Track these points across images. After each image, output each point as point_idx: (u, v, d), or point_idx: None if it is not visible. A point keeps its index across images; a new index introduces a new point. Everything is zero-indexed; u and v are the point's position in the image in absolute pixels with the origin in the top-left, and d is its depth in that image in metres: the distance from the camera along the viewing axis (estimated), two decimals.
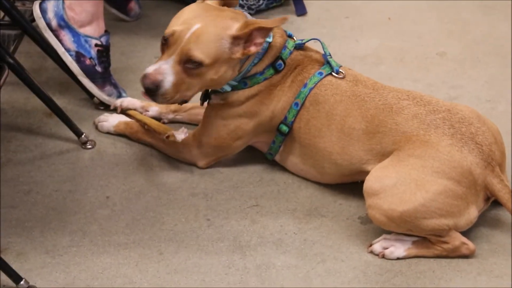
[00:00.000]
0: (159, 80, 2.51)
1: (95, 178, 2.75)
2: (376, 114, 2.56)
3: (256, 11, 3.70)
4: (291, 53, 2.67)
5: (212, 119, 2.71)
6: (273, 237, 2.55)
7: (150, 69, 2.52)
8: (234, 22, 2.54)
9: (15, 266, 2.34)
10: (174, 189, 2.72)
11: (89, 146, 2.87)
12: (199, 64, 2.51)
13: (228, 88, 2.65)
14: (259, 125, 2.69)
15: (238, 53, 2.54)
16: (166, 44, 2.54)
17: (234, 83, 2.65)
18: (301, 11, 3.74)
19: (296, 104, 2.65)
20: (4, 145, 2.86)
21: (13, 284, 2.32)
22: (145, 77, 2.52)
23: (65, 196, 2.67)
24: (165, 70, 2.52)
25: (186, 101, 2.63)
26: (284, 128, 2.68)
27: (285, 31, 2.73)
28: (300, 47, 2.70)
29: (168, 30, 2.54)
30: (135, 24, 3.60)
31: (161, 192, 2.70)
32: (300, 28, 3.63)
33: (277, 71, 2.65)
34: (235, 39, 2.53)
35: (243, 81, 2.65)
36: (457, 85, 3.28)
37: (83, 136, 2.87)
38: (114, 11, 3.57)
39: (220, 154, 2.77)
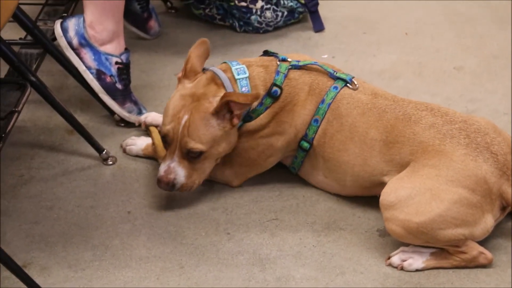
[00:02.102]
0: (172, 179, 2.61)
1: (116, 193, 2.79)
2: (396, 124, 2.59)
3: (274, 28, 3.73)
4: (286, 76, 2.69)
5: (241, 144, 2.74)
6: (292, 250, 2.58)
7: (161, 171, 2.62)
8: (213, 97, 2.60)
9: (38, 280, 2.38)
10: (195, 203, 2.75)
11: (110, 162, 2.91)
12: (200, 152, 2.59)
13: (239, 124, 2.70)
14: (288, 142, 2.72)
15: (227, 126, 2.61)
16: (166, 142, 2.63)
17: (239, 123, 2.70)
18: (318, 27, 3.77)
19: (316, 120, 2.68)
20: (27, 162, 2.91)
21: None
22: (159, 181, 2.63)
23: (87, 212, 2.71)
24: (174, 168, 2.61)
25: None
26: (306, 145, 2.71)
27: (277, 56, 2.76)
28: (297, 67, 2.72)
29: (163, 131, 2.63)
30: (154, 42, 3.64)
31: (181, 206, 2.74)
32: (317, 44, 3.66)
33: (276, 98, 2.68)
34: (218, 112, 2.58)
35: (248, 116, 2.69)
36: (475, 99, 3.30)
37: (104, 152, 2.91)
38: (134, 29, 3.61)
39: (253, 173, 2.81)
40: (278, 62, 2.73)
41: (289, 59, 2.74)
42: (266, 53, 2.82)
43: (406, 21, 3.88)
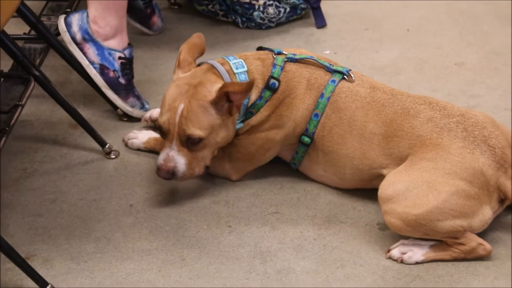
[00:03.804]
0: (172, 167, 2.62)
1: (119, 187, 2.81)
2: (395, 118, 2.61)
3: (277, 24, 3.75)
4: (282, 68, 2.71)
5: (240, 140, 2.77)
6: (293, 243, 2.60)
7: (160, 160, 2.63)
8: (212, 86, 2.61)
9: (41, 272, 2.40)
10: (196, 197, 2.77)
11: (113, 156, 2.94)
12: (199, 139, 2.60)
13: (240, 125, 2.72)
14: (286, 136, 2.74)
15: (226, 115, 2.62)
16: (163, 132, 2.64)
17: (241, 124, 2.71)
18: (321, 23, 3.79)
19: (316, 115, 2.70)
20: (30, 155, 2.93)
21: None
22: (158, 169, 2.64)
23: (89, 205, 2.73)
24: (173, 156, 2.62)
25: (208, 167, 2.71)
26: (306, 140, 2.73)
27: (272, 50, 2.77)
28: (293, 60, 2.74)
29: (159, 121, 2.64)
30: (157, 38, 3.66)
31: (183, 200, 2.76)
32: (320, 40, 3.68)
33: (274, 90, 2.70)
34: (217, 103, 2.60)
35: (249, 112, 2.71)
36: (476, 95, 3.31)
37: (107, 146, 2.93)
38: (137, 25, 3.64)
39: (252, 166, 2.83)
40: (274, 56, 2.75)
41: (284, 52, 2.76)
42: (261, 49, 2.84)
43: (408, 17, 3.90)
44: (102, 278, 2.46)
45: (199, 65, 2.73)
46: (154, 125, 3.00)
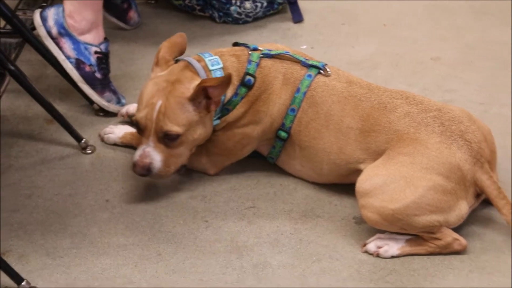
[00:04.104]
0: (148, 163, 2.61)
1: (95, 182, 2.80)
2: (371, 113, 2.61)
3: (254, 19, 3.75)
4: (258, 64, 2.71)
5: (217, 136, 2.76)
6: (270, 237, 2.60)
7: (136, 156, 2.62)
8: (189, 83, 2.61)
9: (17, 268, 2.38)
10: (173, 192, 2.77)
11: (89, 151, 2.93)
12: (176, 135, 2.59)
13: (217, 122, 2.72)
14: (263, 131, 2.74)
15: (203, 112, 2.62)
16: (140, 128, 2.63)
17: (217, 121, 2.71)
18: (298, 18, 3.79)
19: (293, 110, 2.70)
20: (6, 151, 2.91)
21: (15, 285, 2.36)
22: (134, 165, 2.63)
23: (65, 200, 2.72)
24: (149, 152, 2.61)
25: (185, 166, 2.71)
26: (283, 134, 2.73)
27: (248, 46, 2.77)
28: (268, 56, 2.74)
29: (136, 117, 2.63)
30: (134, 33, 3.65)
31: (160, 195, 2.76)
32: (297, 35, 3.69)
33: (250, 87, 2.70)
34: (194, 100, 2.59)
35: (225, 108, 2.71)
36: (451, 89, 3.33)
37: (83, 141, 2.92)
38: (114, 20, 3.62)
39: (229, 161, 2.83)
40: (250, 52, 2.75)
41: (260, 48, 2.76)
42: (236, 44, 2.84)
43: (385, 12, 3.91)
44: (78, 273, 2.46)
45: (176, 62, 2.73)
46: (131, 120, 2.99)
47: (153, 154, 2.62)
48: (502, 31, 3.75)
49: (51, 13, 3.03)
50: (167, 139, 2.61)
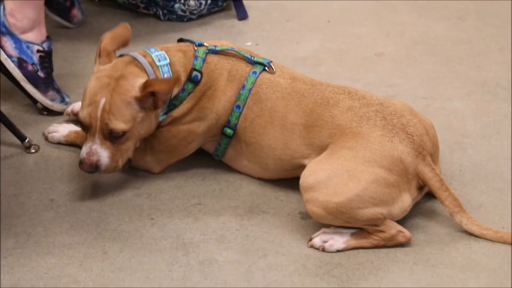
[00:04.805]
0: (95, 161, 2.60)
1: (39, 181, 2.78)
2: (315, 108, 2.63)
3: (198, 16, 3.75)
4: (204, 60, 2.72)
5: (162, 133, 2.76)
6: (216, 234, 2.60)
7: (83, 153, 2.61)
8: (134, 80, 2.60)
9: None
10: (118, 190, 2.76)
11: (33, 151, 2.90)
12: (122, 132, 2.59)
13: (163, 117, 2.71)
14: (208, 128, 2.75)
15: (149, 109, 2.62)
16: (84, 127, 2.62)
17: (164, 116, 2.71)
18: (242, 15, 3.80)
19: (238, 106, 2.71)
20: None
21: None
22: (81, 163, 2.61)
23: (9, 200, 2.69)
24: (96, 149, 2.60)
25: (130, 160, 2.70)
26: (229, 131, 2.73)
27: (193, 42, 2.77)
28: (214, 51, 2.74)
29: (80, 115, 2.61)
30: (77, 31, 3.63)
31: (105, 193, 2.74)
32: (241, 32, 3.70)
33: (197, 82, 2.70)
34: (140, 99, 2.59)
35: (172, 104, 2.71)
36: (395, 84, 3.37)
37: (26, 140, 2.89)
38: (57, 18, 3.60)
39: (174, 159, 2.82)
40: (195, 47, 2.75)
41: (205, 44, 2.76)
42: (181, 40, 2.83)
43: (329, 9, 3.94)
44: (22, 273, 2.43)
45: (120, 56, 2.71)
46: (77, 119, 2.97)
47: (100, 151, 2.60)
48: (443, 27, 3.80)
49: None
50: (113, 136, 2.60)
